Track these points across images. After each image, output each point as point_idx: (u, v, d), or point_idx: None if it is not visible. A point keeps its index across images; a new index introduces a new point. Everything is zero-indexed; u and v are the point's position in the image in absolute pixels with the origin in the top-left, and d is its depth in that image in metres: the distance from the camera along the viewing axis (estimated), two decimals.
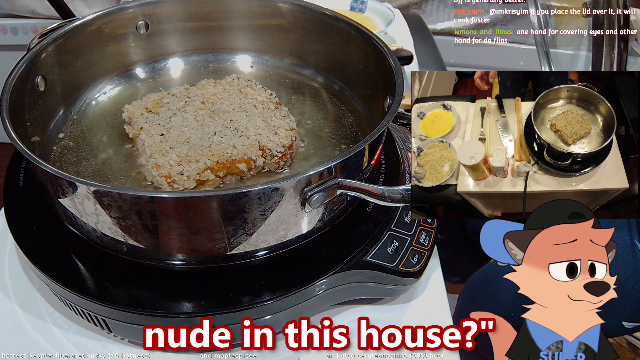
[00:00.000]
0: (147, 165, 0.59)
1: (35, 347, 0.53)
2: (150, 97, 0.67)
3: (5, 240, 0.63)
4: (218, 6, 0.76)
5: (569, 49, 0.64)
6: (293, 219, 0.50)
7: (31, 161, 0.48)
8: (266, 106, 0.67)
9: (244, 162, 0.59)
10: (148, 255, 0.51)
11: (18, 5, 1.61)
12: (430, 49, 1.14)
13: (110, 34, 0.72)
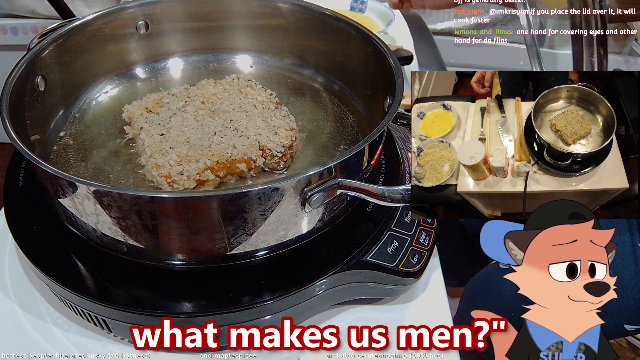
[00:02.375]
0: (147, 165, 0.59)
1: (35, 347, 0.53)
2: (150, 97, 0.67)
3: (5, 240, 0.63)
4: (218, 6, 0.76)
5: (562, 49, 0.63)
6: (293, 219, 0.50)
7: (31, 161, 0.48)
8: (266, 106, 0.67)
9: (244, 162, 0.59)
10: (148, 255, 0.51)
11: (18, 5, 1.61)
12: (430, 49, 1.14)
13: (110, 34, 0.72)
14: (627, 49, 1.58)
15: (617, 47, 1.58)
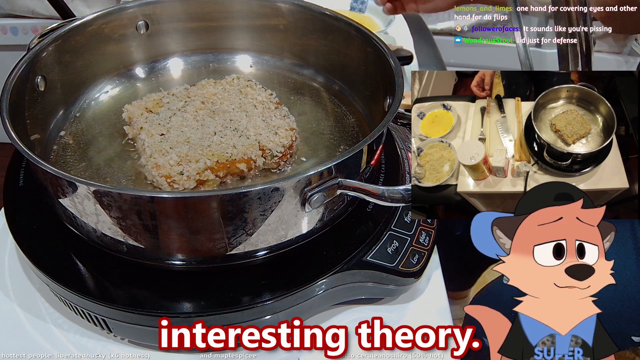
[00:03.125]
0: (147, 165, 0.59)
1: (35, 347, 0.53)
2: (150, 97, 0.67)
3: (5, 240, 0.63)
4: (218, 6, 0.76)
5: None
6: (293, 219, 0.50)
7: (31, 161, 0.48)
8: (266, 106, 0.67)
9: (244, 162, 0.59)
10: (148, 255, 0.51)
11: (18, 5, 1.61)
12: (430, 49, 1.14)
13: (110, 34, 0.72)
14: (627, 49, 1.58)
15: (617, 47, 1.58)
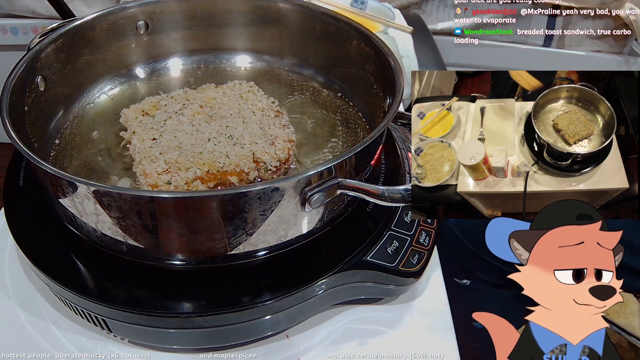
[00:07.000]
0: (136, 172, 0.58)
1: (35, 347, 0.53)
2: (149, 99, 0.67)
3: (5, 240, 0.63)
4: (218, 6, 0.76)
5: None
6: (293, 219, 0.50)
7: (31, 161, 0.48)
8: (266, 113, 0.65)
9: (235, 174, 0.57)
10: (148, 255, 0.51)
11: (18, 5, 1.61)
12: (430, 49, 1.14)
13: (110, 34, 0.72)
14: (627, 49, 1.58)
15: (617, 47, 1.58)
